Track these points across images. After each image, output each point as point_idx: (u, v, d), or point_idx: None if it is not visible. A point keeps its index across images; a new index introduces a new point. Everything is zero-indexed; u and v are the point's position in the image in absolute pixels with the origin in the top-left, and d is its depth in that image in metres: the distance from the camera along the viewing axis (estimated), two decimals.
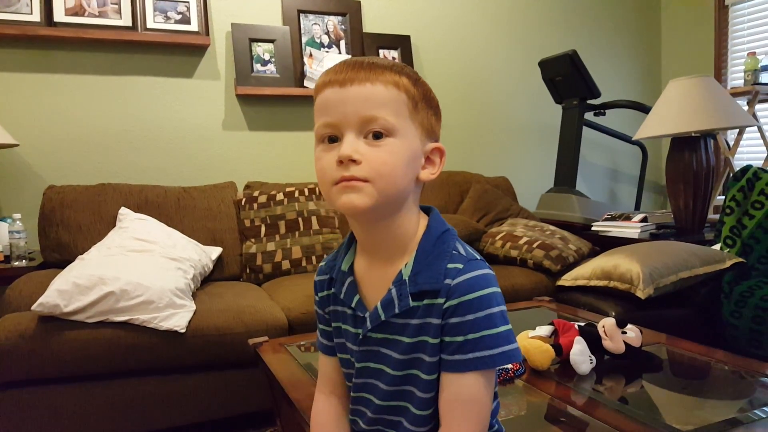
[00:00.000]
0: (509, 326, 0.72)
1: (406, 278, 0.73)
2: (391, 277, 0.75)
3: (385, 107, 0.70)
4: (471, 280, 0.71)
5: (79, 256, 2.01)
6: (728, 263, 2.18)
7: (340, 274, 0.81)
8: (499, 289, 0.72)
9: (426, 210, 0.79)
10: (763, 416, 1.08)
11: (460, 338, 0.70)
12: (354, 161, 0.69)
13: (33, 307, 1.69)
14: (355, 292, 0.78)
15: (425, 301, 0.72)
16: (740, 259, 2.22)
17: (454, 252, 0.73)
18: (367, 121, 0.70)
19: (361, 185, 0.69)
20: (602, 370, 1.35)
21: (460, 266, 0.72)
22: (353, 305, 0.78)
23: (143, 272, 1.84)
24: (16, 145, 2.36)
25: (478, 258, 0.74)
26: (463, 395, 0.71)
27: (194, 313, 1.86)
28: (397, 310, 0.73)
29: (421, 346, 0.73)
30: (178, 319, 1.79)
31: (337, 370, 0.86)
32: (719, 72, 3.55)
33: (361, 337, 0.77)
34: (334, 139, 0.72)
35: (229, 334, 1.87)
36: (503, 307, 0.72)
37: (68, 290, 1.71)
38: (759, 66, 3.13)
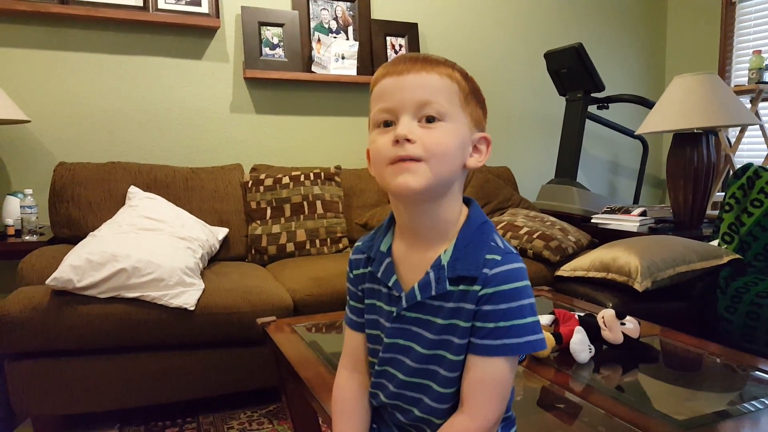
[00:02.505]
0: (537, 318, 0.76)
1: (445, 263, 0.77)
2: (430, 261, 0.79)
3: (439, 94, 0.75)
4: (507, 272, 0.75)
5: (91, 233, 2.05)
6: (725, 259, 2.22)
7: (378, 254, 0.84)
8: (529, 283, 0.77)
9: (465, 201, 0.83)
10: (752, 409, 1.11)
11: (491, 325, 0.74)
12: (409, 140, 0.73)
13: (47, 282, 1.73)
14: (392, 273, 0.82)
15: (461, 287, 0.76)
16: (737, 256, 2.26)
17: (492, 243, 0.77)
18: (422, 105, 0.74)
19: (415, 166, 0.73)
20: (600, 360, 1.39)
21: (498, 258, 0.76)
22: (390, 284, 0.82)
23: (154, 250, 1.88)
24: (28, 122, 2.39)
25: (514, 251, 0.78)
26: (488, 377, 0.75)
27: (203, 292, 1.91)
28: (433, 293, 0.77)
29: (453, 328, 0.77)
30: (187, 296, 1.84)
31: (362, 347, 0.90)
32: (723, 69, 3.58)
33: (395, 314, 0.81)
34: (389, 124, 0.76)
35: (236, 313, 1.91)
36: (533, 300, 0.76)
37: (81, 266, 1.75)
38: (764, 64, 3.15)
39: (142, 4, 2.63)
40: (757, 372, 1.33)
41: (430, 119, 0.74)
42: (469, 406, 0.76)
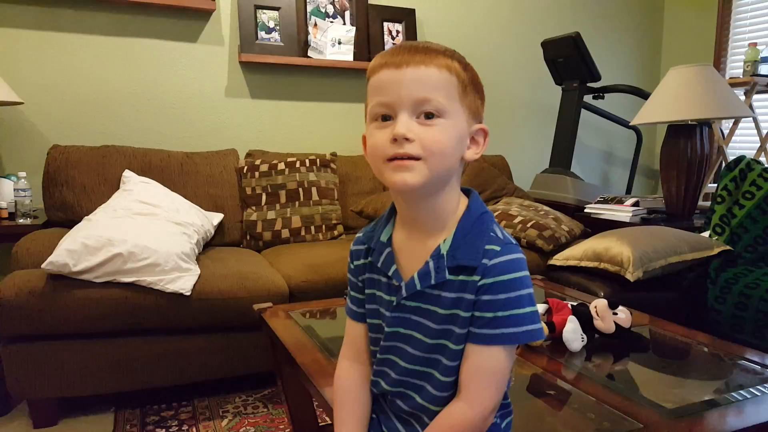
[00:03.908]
0: (535, 308, 0.77)
1: (444, 253, 0.78)
2: (429, 250, 0.79)
3: (438, 89, 0.75)
4: (506, 263, 0.76)
5: (86, 217, 2.05)
6: (716, 250, 2.25)
7: (378, 244, 0.85)
8: (528, 273, 0.78)
9: (466, 191, 0.84)
10: (739, 398, 1.14)
11: (489, 314, 0.75)
12: (407, 139, 0.73)
13: (43, 266, 1.73)
14: (392, 262, 0.83)
15: (461, 277, 0.77)
16: (728, 247, 2.29)
17: (491, 234, 0.78)
18: (420, 102, 0.74)
19: (413, 164, 0.74)
20: (592, 348, 1.41)
21: (497, 248, 0.76)
22: (390, 274, 0.82)
23: (150, 235, 1.88)
24: (21, 103, 2.37)
25: (513, 242, 0.79)
26: (486, 366, 0.77)
27: (199, 277, 1.91)
28: (433, 282, 0.78)
29: (454, 318, 0.78)
30: (183, 282, 1.85)
31: (363, 337, 0.91)
32: (719, 61, 3.59)
33: (395, 303, 0.82)
34: (386, 118, 0.76)
35: (232, 299, 1.92)
36: (531, 290, 0.77)
37: (77, 250, 1.75)
38: (759, 57, 3.17)
39: None
40: (743, 361, 1.36)
41: (429, 116, 0.75)
42: (467, 393, 0.78)
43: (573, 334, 1.37)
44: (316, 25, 2.96)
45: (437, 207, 0.79)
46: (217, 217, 2.46)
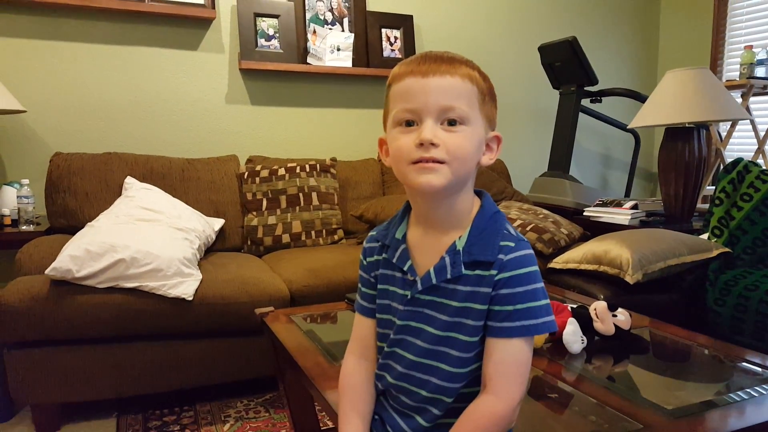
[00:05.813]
0: (548, 300, 0.81)
1: (460, 249, 0.82)
2: (444, 246, 0.83)
3: (462, 98, 0.79)
4: (521, 258, 0.81)
5: (89, 223, 2.06)
6: (715, 252, 2.26)
7: (393, 241, 0.89)
8: (538, 268, 0.82)
9: (478, 193, 0.88)
10: (738, 399, 1.14)
11: (509, 307, 0.79)
12: (434, 144, 0.78)
13: (46, 272, 1.74)
14: (407, 258, 0.87)
15: (477, 272, 0.81)
16: (726, 249, 2.30)
17: (505, 231, 0.83)
18: (445, 109, 0.78)
19: (438, 167, 0.78)
20: (592, 350, 1.42)
21: (512, 244, 0.81)
22: (405, 269, 0.86)
23: (152, 241, 1.89)
24: (24, 112, 2.38)
25: (525, 239, 0.83)
26: (509, 358, 0.80)
27: (201, 282, 1.92)
28: (449, 276, 0.82)
29: (467, 311, 0.82)
30: (185, 287, 1.86)
31: (371, 333, 0.94)
32: (715, 64, 3.61)
33: (409, 297, 0.85)
34: (410, 123, 0.80)
35: (234, 304, 1.93)
36: (542, 284, 0.82)
37: (80, 256, 1.76)
38: (755, 60, 3.19)
39: None
40: (743, 363, 1.36)
41: (452, 122, 0.79)
42: (493, 386, 0.80)
43: (573, 336, 1.38)
44: (315, 32, 2.98)
45: (454, 207, 0.84)
46: (218, 223, 2.47)
